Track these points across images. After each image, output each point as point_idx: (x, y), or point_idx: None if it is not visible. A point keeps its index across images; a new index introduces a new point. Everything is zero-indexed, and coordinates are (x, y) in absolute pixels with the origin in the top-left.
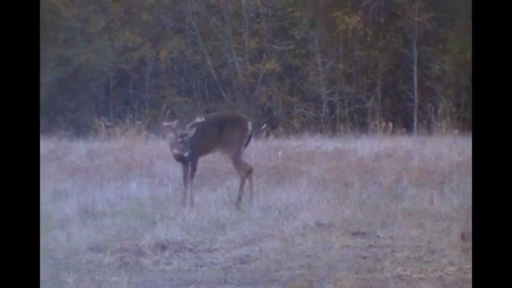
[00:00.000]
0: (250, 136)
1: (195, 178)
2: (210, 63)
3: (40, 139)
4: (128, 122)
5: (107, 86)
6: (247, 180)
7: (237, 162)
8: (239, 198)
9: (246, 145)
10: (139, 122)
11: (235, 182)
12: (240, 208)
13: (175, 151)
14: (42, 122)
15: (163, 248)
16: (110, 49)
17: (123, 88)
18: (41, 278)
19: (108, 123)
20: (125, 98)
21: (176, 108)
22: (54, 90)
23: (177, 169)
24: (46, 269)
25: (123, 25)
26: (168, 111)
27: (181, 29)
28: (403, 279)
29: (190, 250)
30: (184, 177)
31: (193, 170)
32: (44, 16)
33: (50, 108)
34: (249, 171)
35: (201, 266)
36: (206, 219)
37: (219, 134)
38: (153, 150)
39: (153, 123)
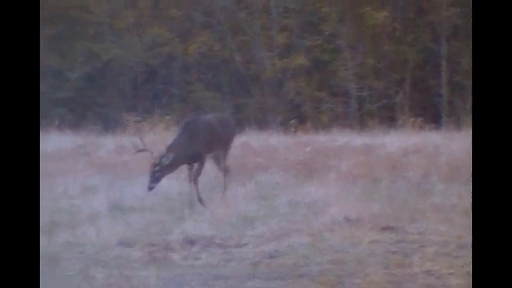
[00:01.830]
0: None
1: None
2: (238, 58)
3: (68, 135)
4: (156, 117)
5: (135, 81)
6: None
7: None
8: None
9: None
10: (168, 117)
11: (264, 177)
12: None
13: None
14: (70, 117)
15: (192, 243)
16: (138, 44)
17: (151, 83)
18: (70, 273)
19: (137, 118)
20: (153, 93)
21: (204, 103)
22: (83, 85)
23: (206, 164)
24: (75, 264)
25: (152, 20)
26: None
27: (210, 24)
28: (432, 274)
29: (219, 245)
30: (189, 175)
31: (201, 167)
32: (73, 11)
33: (79, 104)
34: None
35: (230, 261)
36: (235, 214)
37: (222, 133)
38: None
39: (182, 118)
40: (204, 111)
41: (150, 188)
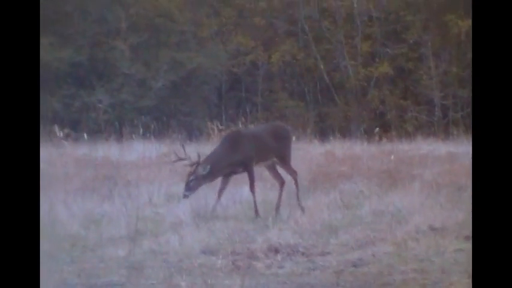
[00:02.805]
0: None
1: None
2: (322, 66)
3: (152, 143)
4: (240, 125)
5: (219, 90)
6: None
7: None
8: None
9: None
10: (252, 126)
11: (348, 185)
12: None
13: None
14: (154, 126)
15: (276, 251)
16: (222, 53)
17: (235, 92)
18: (153, 281)
19: (221, 127)
20: (237, 102)
21: (288, 112)
22: (167, 94)
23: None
24: (159, 272)
25: (236, 29)
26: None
27: (294, 32)
28: None
29: (303, 254)
30: (220, 190)
31: (252, 180)
32: (157, 20)
33: (163, 112)
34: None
35: (314, 270)
36: (318, 223)
37: (273, 142)
38: None
39: None
40: (288, 120)
41: (185, 196)
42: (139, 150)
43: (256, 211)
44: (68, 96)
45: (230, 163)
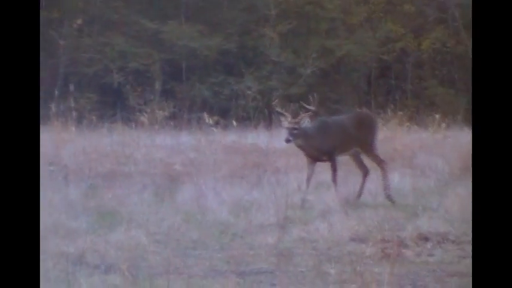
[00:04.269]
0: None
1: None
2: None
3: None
4: (389, 112)
5: (368, 77)
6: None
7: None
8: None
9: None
10: (401, 113)
11: None
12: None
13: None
14: (303, 113)
15: (426, 239)
16: (371, 40)
17: (385, 79)
18: (303, 269)
19: None
20: (386, 89)
21: (438, 100)
22: (317, 81)
23: (439, 160)
24: (308, 260)
25: (385, 16)
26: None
27: (444, 19)
28: None
29: (453, 242)
30: (308, 179)
31: (334, 170)
32: (307, 7)
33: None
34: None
35: (464, 258)
36: (469, 211)
37: (358, 132)
38: (415, 141)
39: (415, 114)
40: (438, 108)
41: (288, 141)
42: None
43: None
44: (217, 84)
45: (317, 148)
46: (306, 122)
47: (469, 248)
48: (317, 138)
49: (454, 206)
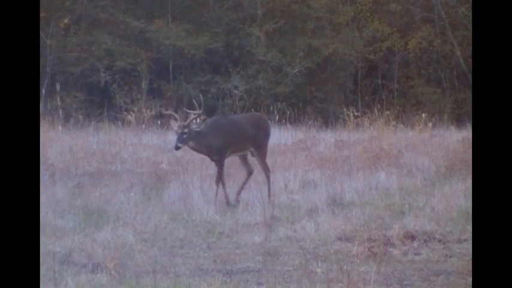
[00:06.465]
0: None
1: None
2: (459, 53)
3: (288, 130)
4: (376, 112)
5: (355, 76)
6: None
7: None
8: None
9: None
10: (388, 112)
11: None
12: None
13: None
14: (290, 112)
15: (412, 238)
16: (358, 39)
17: (371, 78)
18: (289, 268)
19: (357, 114)
20: (373, 88)
21: (424, 99)
22: (303, 80)
23: (425, 159)
24: (295, 259)
25: (372, 15)
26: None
27: (430, 18)
28: None
29: (439, 240)
30: (216, 181)
31: (220, 168)
32: (293, 6)
33: (299, 99)
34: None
35: (450, 257)
36: (455, 210)
37: (253, 132)
38: (401, 140)
39: (402, 113)
40: (425, 107)
41: (178, 148)
42: (275, 136)
43: (227, 201)
44: (203, 83)
45: (209, 146)
46: (197, 123)
47: (455, 247)
48: (209, 136)
49: (441, 204)
